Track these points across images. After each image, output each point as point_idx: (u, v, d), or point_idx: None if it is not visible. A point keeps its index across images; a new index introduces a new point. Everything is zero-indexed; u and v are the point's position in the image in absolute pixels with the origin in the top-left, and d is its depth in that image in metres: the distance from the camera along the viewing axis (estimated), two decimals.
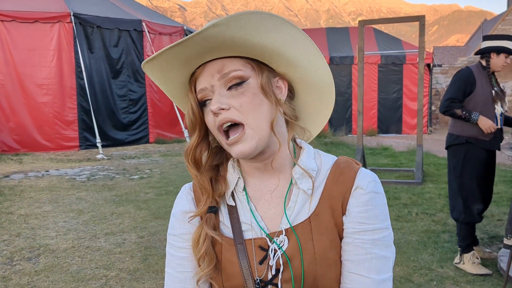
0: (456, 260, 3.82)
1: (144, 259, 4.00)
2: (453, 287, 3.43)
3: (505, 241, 3.32)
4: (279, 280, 0.95)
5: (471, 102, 3.73)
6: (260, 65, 0.96)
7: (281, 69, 0.99)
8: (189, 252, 1.02)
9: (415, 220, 5.05)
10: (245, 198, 1.02)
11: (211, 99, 0.95)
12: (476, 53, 3.91)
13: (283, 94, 0.99)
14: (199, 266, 1.00)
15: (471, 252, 3.74)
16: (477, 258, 3.73)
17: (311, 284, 0.95)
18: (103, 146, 10.20)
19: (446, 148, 3.96)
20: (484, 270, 3.66)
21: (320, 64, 1.00)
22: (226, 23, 0.86)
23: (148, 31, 11.82)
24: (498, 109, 3.70)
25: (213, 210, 1.01)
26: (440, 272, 3.70)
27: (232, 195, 1.03)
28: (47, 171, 8.20)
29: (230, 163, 1.05)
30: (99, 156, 9.66)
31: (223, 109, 0.92)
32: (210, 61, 0.95)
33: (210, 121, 0.96)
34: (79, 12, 10.64)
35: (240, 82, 0.93)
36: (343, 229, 0.97)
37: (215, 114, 0.92)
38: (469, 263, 3.71)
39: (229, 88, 0.93)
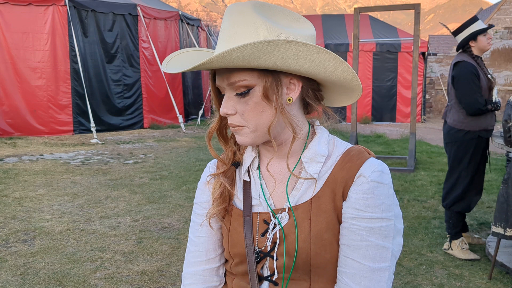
0: (445, 246, 3.89)
1: (139, 241, 4.05)
2: (442, 271, 3.51)
3: (493, 228, 3.39)
4: (275, 252, 1.03)
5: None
6: (266, 72, 0.97)
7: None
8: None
9: (407, 207, 5.12)
10: (258, 175, 1.10)
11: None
12: (457, 49, 3.92)
13: (295, 92, 1.01)
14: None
15: (460, 239, 3.82)
16: (466, 244, 3.81)
17: (304, 260, 1.00)
18: (97, 131, 10.19)
19: (452, 142, 3.86)
20: (472, 256, 3.74)
21: (335, 67, 0.99)
22: (217, 61, 0.90)
23: (143, 16, 11.74)
24: (495, 94, 3.74)
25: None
26: (429, 257, 3.77)
27: (248, 171, 1.12)
28: (41, 155, 8.20)
29: None
30: (93, 141, 9.66)
31: (229, 114, 1.00)
32: None
33: None
34: None
35: (245, 92, 0.98)
36: (341, 213, 1.01)
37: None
38: (458, 248, 3.79)
39: (237, 94, 0.99)
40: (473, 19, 3.83)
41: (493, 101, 3.69)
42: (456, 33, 3.90)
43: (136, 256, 3.74)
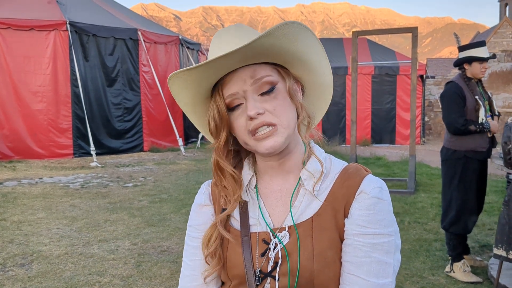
0: (447, 269, 3.85)
1: (138, 265, 4.01)
2: None
3: (495, 250, 3.37)
4: (277, 272, 1.00)
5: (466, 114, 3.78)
6: (285, 70, 1.03)
7: (298, 73, 1.06)
8: (201, 242, 1.09)
9: (407, 229, 5.08)
10: (255, 195, 1.09)
11: (240, 104, 1.00)
12: (454, 66, 4.01)
13: (299, 93, 1.07)
14: (207, 263, 1.07)
15: (462, 261, 3.79)
16: (468, 267, 3.77)
17: (307, 279, 0.99)
18: (97, 154, 10.19)
19: (442, 161, 3.98)
20: (474, 278, 3.70)
21: (328, 70, 1.10)
22: (275, 33, 0.92)
23: (144, 40, 11.87)
24: (481, 115, 3.74)
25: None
26: (431, 280, 3.73)
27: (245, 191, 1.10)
28: (41, 178, 8.18)
29: (246, 161, 1.12)
30: (93, 164, 9.65)
31: (260, 113, 0.97)
32: (239, 67, 0.99)
33: (241, 124, 1.00)
34: (75, 21, 10.68)
35: (271, 88, 0.99)
36: (344, 230, 1.00)
37: (252, 118, 0.97)
38: (460, 271, 3.75)
39: (261, 94, 0.99)
40: (480, 44, 3.88)
41: (479, 122, 3.71)
42: (460, 49, 3.98)
43: (134, 280, 3.70)
